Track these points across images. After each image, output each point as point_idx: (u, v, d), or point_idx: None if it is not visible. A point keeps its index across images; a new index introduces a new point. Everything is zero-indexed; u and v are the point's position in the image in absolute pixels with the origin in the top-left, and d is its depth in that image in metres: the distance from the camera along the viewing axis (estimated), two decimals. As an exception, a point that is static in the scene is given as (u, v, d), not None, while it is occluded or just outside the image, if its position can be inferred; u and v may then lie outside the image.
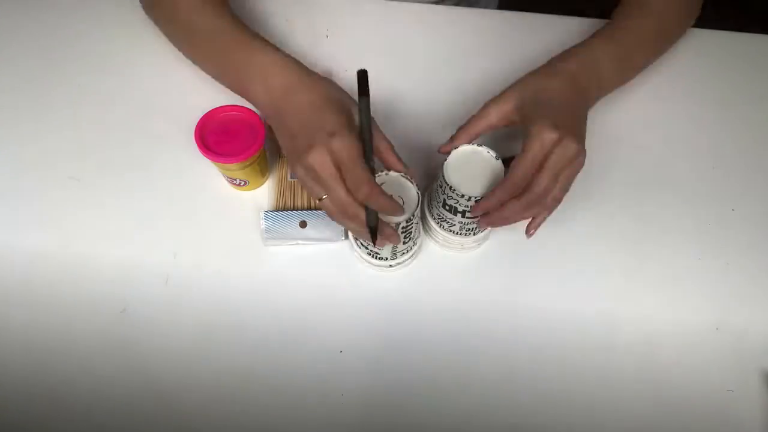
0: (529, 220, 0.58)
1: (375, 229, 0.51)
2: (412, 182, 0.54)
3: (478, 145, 0.55)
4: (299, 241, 0.62)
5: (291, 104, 0.54)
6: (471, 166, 0.55)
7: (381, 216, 0.52)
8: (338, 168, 0.49)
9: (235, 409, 0.56)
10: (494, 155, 0.55)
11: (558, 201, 0.54)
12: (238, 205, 0.65)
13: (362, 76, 0.42)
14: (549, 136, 0.50)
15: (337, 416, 0.56)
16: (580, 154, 0.52)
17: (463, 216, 0.56)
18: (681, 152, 0.70)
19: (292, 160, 0.52)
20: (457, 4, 0.81)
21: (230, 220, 0.64)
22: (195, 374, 0.57)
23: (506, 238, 0.64)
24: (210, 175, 0.65)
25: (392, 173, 0.55)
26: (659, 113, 0.72)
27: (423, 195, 0.63)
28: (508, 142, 0.69)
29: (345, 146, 0.48)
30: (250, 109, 0.60)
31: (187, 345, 0.58)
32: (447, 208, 0.56)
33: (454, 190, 0.53)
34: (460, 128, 0.58)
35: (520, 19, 0.78)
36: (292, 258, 0.62)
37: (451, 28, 0.73)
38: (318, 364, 0.57)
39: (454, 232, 0.59)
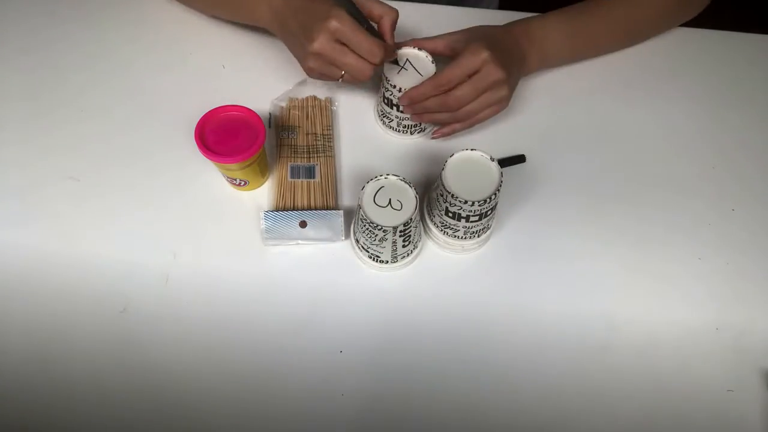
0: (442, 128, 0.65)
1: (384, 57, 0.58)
2: (410, 186, 0.55)
3: (471, 149, 0.56)
4: (299, 241, 0.62)
5: (289, 9, 0.60)
6: (468, 171, 0.56)
7: (365, 214, 0.54)
8: (342, 44, 0.56)
9: (236, 408, 0.56)
10: (488, 156, 0.56)
11: (470, 116, 0.61)
12: (238, 205, 0.65)
13: None
14: (482, 53, 0.58)
15: (337, 416, 0.56)
16: (504, 84, 0.60)
17: (467, 221, 0.56)
18: (681, 152, 0.70)
19: (302, 57, 0.59)
20: (457, 4, 0.81)
21: (230, 220, 0.64)
22: (195, 374, 0.57)
23: (506, 239, 0.64)
24: (210, 175, 0.65)
25: (391, 177, 0.55)
26: (659, 113, 0.72)
27: (422, 199, 0.63)
28: (507, 143, 0.69)
29: (341, 22, 0.55)
30: (250, 109, 0.60)
31: (187, 345, 0.58)
32: (450, 215, 0.56)
33: (456, 197, 0.53)
34: (414, 40, 0.66)
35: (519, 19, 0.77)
36: (292, 258, 0.62)
37: (452, 28, 0.72)
38: (318, 364, 0.57)
39: (458, 237, 0.60)
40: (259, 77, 0.72)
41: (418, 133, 0.68)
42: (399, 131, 0.68)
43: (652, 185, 0.67)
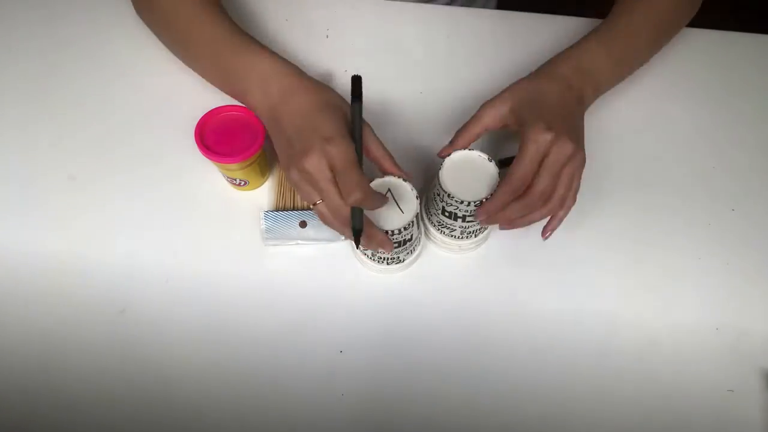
0: (544, 223, 0.58)
1: (359, 232, 0.52)
2: (411, 187, 0.55)
3: (469, 149, 0.56)
4: (299, 241, 0.62)
5: (288, 108, 0.55)
6: (465, 171, 0.55)
7: (380, 221, 0.53)
8: (333, 173, 0.50)
9: (236, 408, 0.56)
10: (486, 157, 0.55)
11: (565, 200, 0.55)
12: (238, 205, 0.65)
13: (356, 81, 0.43)
14: (544, 137, 0.51)
15: (337, 416, 0.56)
16: (577, 152, 0.53)
17: (464, 221, 0.56)
18: (681, 152, 0.70)
19: (287, 164, 0.53)
20: (457, 4, 0.81)
21: (230, 220, 0.64)
22: (195, 374, 0.57)
23: (505, 240, 0.64)
24: (210, 175, 0.65)
25: (391, 178, 0.55)
26: (659, 113, 0.72)
27: (420, 199, 0.63)
28: (507, 143, 0.69)
29: (340, 151, 0.49)
30: (251, 110, 0.60)
31: (187, 345, 0.58)
32: (447, 214, 0.56)
33: (453, 197, 0.53)
34: (458, 132, 0.59)
35: (519, 19, 0.78)
36: (292, 258, 0.62)
37: (451, 28, 0.72)
38: (318, 364, 0.57)
39: (455, 236, 0.60)
40: (259, 77, 0.72)
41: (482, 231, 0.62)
42: (463, 238, 0.60)
43: (652, 185, 0.67)
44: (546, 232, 0.59)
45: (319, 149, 0.50)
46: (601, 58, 0.62)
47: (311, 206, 0.53)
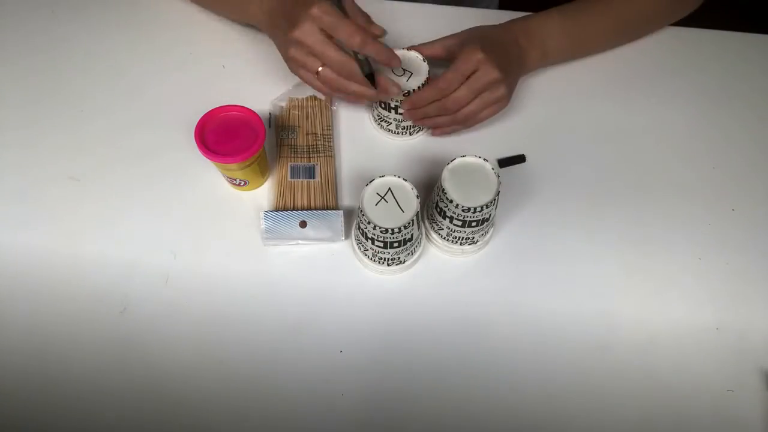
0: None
1: (372, 76, 0.57)
2: (411, 187, 0.55)
3: (476, 156, 0.56)
4: (299, 241, 0.62)
5: (278, 4, 0.59)
6: (468, 177, 0.56)
7: (380, 221, 0.53)
8: (325, 34, 0.54)
9: (236, 408, 0.56)
10: (489, 164, 0.56)
11: (469, 117, 0.62)
12: (238, 205, 0.65)
13: None
14: (476, 55, 0.58)
15: (337, 416, 0.56)
16: (501, 83, 0.60)
17: (451, 222, 0.57)
18: (681, 152, 0.70)
19: (285, 46, 0.57)
20: (458, 4, 0.81)
21: (230, 220, 0.64)
22: (195, 374, 0.57)
23: (506, 239, 0.64)
24: (210, 175, 0.65)
25: (391, 178, 0.55)
26: (659, 113, 0.72)
27: (423, 201, 0.63)
28: (508, 142, 0.69)
29: (324, 10, 0.53)
30: (250, 109, 0.60)
31: (187, 345, 0.58)
32: (449, 219, 0.57)
33: (455, 203, 0.54)
34: (409, 47, 0.65)
35: (520, 19, 0.78)
36: (292, 258, 0.62)
37: (452, 28, 0.72)
38: (318, 364, 0.57)
39: (457, 241, 0.60)
40: (259, 77, 0.72)
41: (417, 132, 0.68)
42: (398, 133, 0.68)
43: (652, 185, 0.67)
44: (435, 132, 0.66)
45: (304, 16, 0.54)
46: (556, 30, 0.68)
47: (315, 76, 0.56)
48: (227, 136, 0.59)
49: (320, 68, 0.56)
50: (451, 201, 0.54)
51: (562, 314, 0.60)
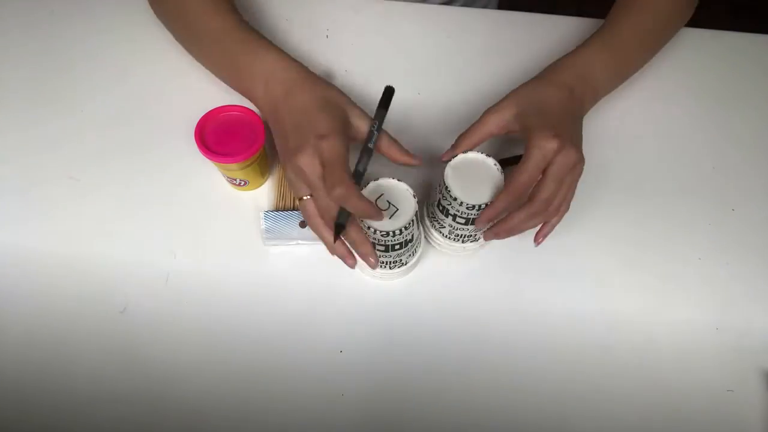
0: (536, 229, 0.58)
1: (341, 227, 0.51)
2: (409, 189, 0.54)
3: (479, 152, 0.56)
4: (299, 241, 0.62)
5: (288, 105, 0.55)
6: (471, 174, 0.55)
7: (377, 223, 0.52)
8: (323, 168, 0.50)
9: (235, 408, 0.56)
10: (492, 161, 0.55)
11: (563, 209, 0.55)
12: (238, 205, 0.65)
13: (387, 92, 0.46)
14: (550, 144, 0.51)
15: (337, 416, 0.56)
16: (580, 161, 0.53)
17: (453, 219, 0.56)
18: (681, 153, 0.70)
19: (283, 160, 0.54)
20: (457, 4, 0.81)
21: (230, 220, 0.64)
22: (195, 374, 0.57)
23: (506, 240, 0.63)
24: (210, 175, 0.65)
25: (385, 180, 0.55)
26: (659, 114, 0.72)
27: (423, 203, 0.63)
28: (508, 142, 0.69)
29: (330, 147, 0.50)
30: (250, 109, 0.60)
31: (187, 345, 0.58)
32: (452, 217, 0.56)
33: (450, 190, 0.53)
34: (461, 136, 0.58)
35: (520, 19, 0.78)
36: (292, 258, 0.62)
37: (452, 28, 0.72)
38: (318, 364, 0.57)
39: (443, 234, 0.60)
40: (259, 77, 0.72)
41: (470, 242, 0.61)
42: (450, 238, 0.60)
43: (652, 185, 0.67)
44: (539, 238, 0.58)
45: (312, 146, 0.50)
46: (601, 64, 0.62)
47: (298, 201, 0.54)
48: (227, 136, 0.59)
49: (305, 197, 0.53)
50: (455, 199, 0.53)
51: (562, 314, 0.60)
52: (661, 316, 0.60)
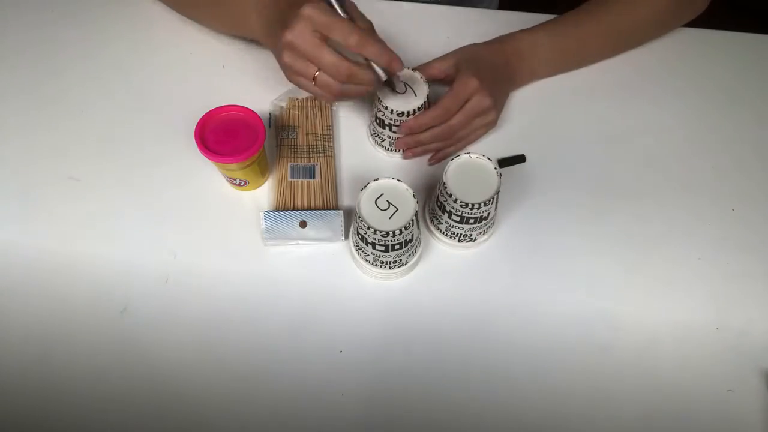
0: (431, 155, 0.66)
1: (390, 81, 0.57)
2: (408, 188, 0.55)
3: (479, 156, 0.57)
4: (299, 241, 0.62)
5: (275, 9, 0.57)
6: (469, 174, 0.56)
7: (378, 223, 0.53)
8: (319, 36, 0.51)
9: (235, 408, 0.56)
10: (491, 163, 0.56)
11: (462, 141, 0.65)
12: (238, 205, 0.65)
13: None
14: (472, 82, 0.60)
15: (337, 416, 0.56)
16: (491, 110, 0.62)
17: (449, 217, 0.57)
18: (680, 152, 0.70)
19: (279, 53, 0.54)
20: (458, 4, 0.81)
21: (230, 220, 0.64)
22: (195, 374, 0.57)
23: (506, 239, 0.64)
24: (210, 175, 0.65)
25: (386, 180, 0.55)
26: (658, 113, 0.72)
27: (424, 202, 0.64)
28: (508, 142, 0.69)
29: (317, 9, 0.50)
30: (250, 110, 0.60)
31: (187, 345, 0.58)
32: (448, 215, 0.57)
33: (446, 187, 0.54)
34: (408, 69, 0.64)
35: (520, 19, 0.78)
36: (292, 258, 0.62)
37: (452, 28, 0.72)
38: (318, 364, 0.57)
39: (441, 230, 0.61)
40: (259, 77, 0.72)
41: (394, 152, 0.68)
42: (391, 150, 0.67)
43: (652, 185, 0.67)
44: (432, 160, 0.66)
45: (297, 17, 0.50)
46: (545, 49, 0.69)
47: (312, 82, 0.53)
48: (227, 136, 0.59)
49: (316, 73, 0.52)
50: (450, 195, 0.54)
51: (562, 314, 0.60)
52: (661, 316, 0.60)
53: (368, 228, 0.53)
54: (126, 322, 0.59)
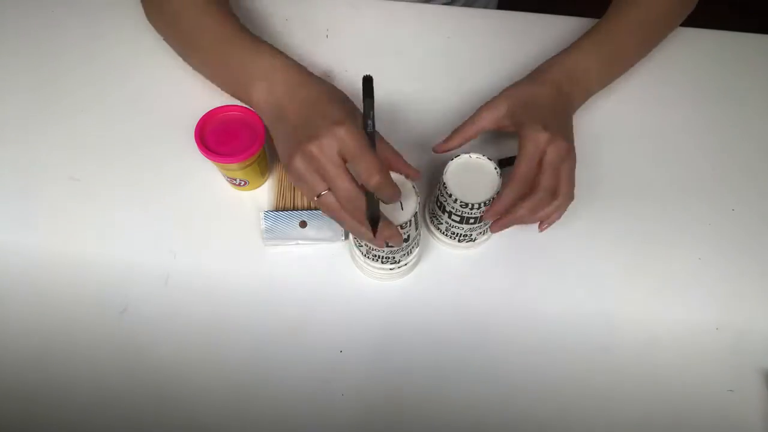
0: (534, 226, 0.60)
1: (377, 220, 0.48)
2: (411, 183, 0.54)
3: (478, 156, 0.56)
4: (299, 241, 0.62)
5: (294, 100, 0.54)
6: (470, 174, 0.56)
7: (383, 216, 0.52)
8: (343, 158, 0.47)
9: (236, 408, 0.56)
10: (492, 163, 0.56)
11: (567, 195, 0.57)
12: (238, 205, 0.65)
13: (367, 82, 0.42)
14: (541, 136, 0.54)
15: (337, 416, 0.56)
16: (571, 149, 0.56)
17: (449, 217, 0.57)
18: (681, 152, 0.70)
19: (291, 152, 0.49)
20: (457, 4, 0.81)
21: (230, 220, 0.64)
22: (195, 374, 0.57)
23: (506, 240, 0.64)
24: (210, 175, 0.65)
25: (400, 176, 0.54)
26: (658, 114, 0.72)
27: (424, 202, 0.64)
28: (508, 142, 0.69)
29: (352, 134, 0.46)
30: (251, 109, 0.60)
31: (187, 345, 0.58)
32: (448, 214, 0.57)
33: (447, 187, 0.54)
34: (455, 131, 0.61)
35: (520, 19, 0.78)
36: (292, 258, 0.62)
37: (452, 28, 0.73)
38: (318, 364, 0.57)
39: (441, 230, 0.60)
40: (259, 77, 0.72)
41: (466, 242, 0.63)
42: (447, 235, 0.61)
43: (652, 185, 0.67)
44: (544, 225, 0.60)
45: (328, 132, 0.47)
46: (591, 63, 0.64)
47: (315, 199, 0.49)
48: (227, 136, 0.59)
49: (323, 192, 0.49)
50: (450, 195, 0.54)
51: (562, 315, 0.60)
52: (661, 316, 0.60)
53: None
54: (126, 322, 0.59)
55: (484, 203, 0.55)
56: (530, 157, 0.54)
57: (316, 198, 0.49)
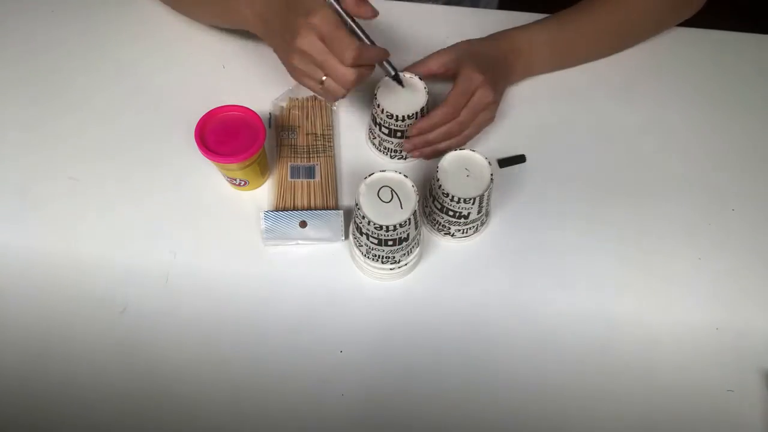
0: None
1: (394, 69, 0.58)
2: (410, 182, 0.55)
3: (471, 150, 0.58)
4: (299, 241, 0.62)
5: (271, 9, 0.57)
6: (463, 170, 0.57)
7: (379, 218, 0.53)
8: (324, 41, 0.52)
9: (236, 408, 0.56)
10: (485, 159, 0.57)
11: (468, 138, 0.64)
12: (238, 205, 0.65)
13: None
14: (477, 76, 0.60)
15: (337, 416, 0.56)
16: (493, 104, 0.63)
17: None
18: (680, 152, 0.70)
19: (286, 55, 0.55)
20: (457, 4, 0.81)
21: (230, 220, 0.64)
22: (195, 374, 0.57)
23: (506, 239, 0.64)
24: (210, 175, 0.65)
25: (389, 173, 0.55)
26: (658, 113, 0.72)
27: (423, 200, 0.64)
28: (508, 142, 0.69)
29: (322, 19, 0.51)
30: (250, 109, 0.60)
31: (187, 345, 0.58)
32: (440, 209, 0.58)
33: (438, 180, 0.56)
34: (408, 66, 0.66)
35: (520, 19, 0.77)
36: (292, 258, 0.62)
37: (452, 28, 0.72)
38: (318, 363, 0.57)
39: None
40: (259, 77, 0.72)
41: (397, 158, 0.67)
42: (381, 151, 0.67)
43: (652, 185, 0.67)
44: (430, 155, 0.65)
45: (304, 25, 0.52)
46: (541, 45, 0.69)
47: (320, 87, 0.55)
48: (227, 136, 0.59)
49: (324, 78, 0.54)
50: (440, 186, 0.56)
51: (561, 315, 0.60)
52: (661, 316, 0.60)
53: (363, 218, 0.53)
54: (126, 321, 0.59)
55: (409, 116, 0.59)
56: (463, 89, 0.60)
57: (320, 86, 0.55)
